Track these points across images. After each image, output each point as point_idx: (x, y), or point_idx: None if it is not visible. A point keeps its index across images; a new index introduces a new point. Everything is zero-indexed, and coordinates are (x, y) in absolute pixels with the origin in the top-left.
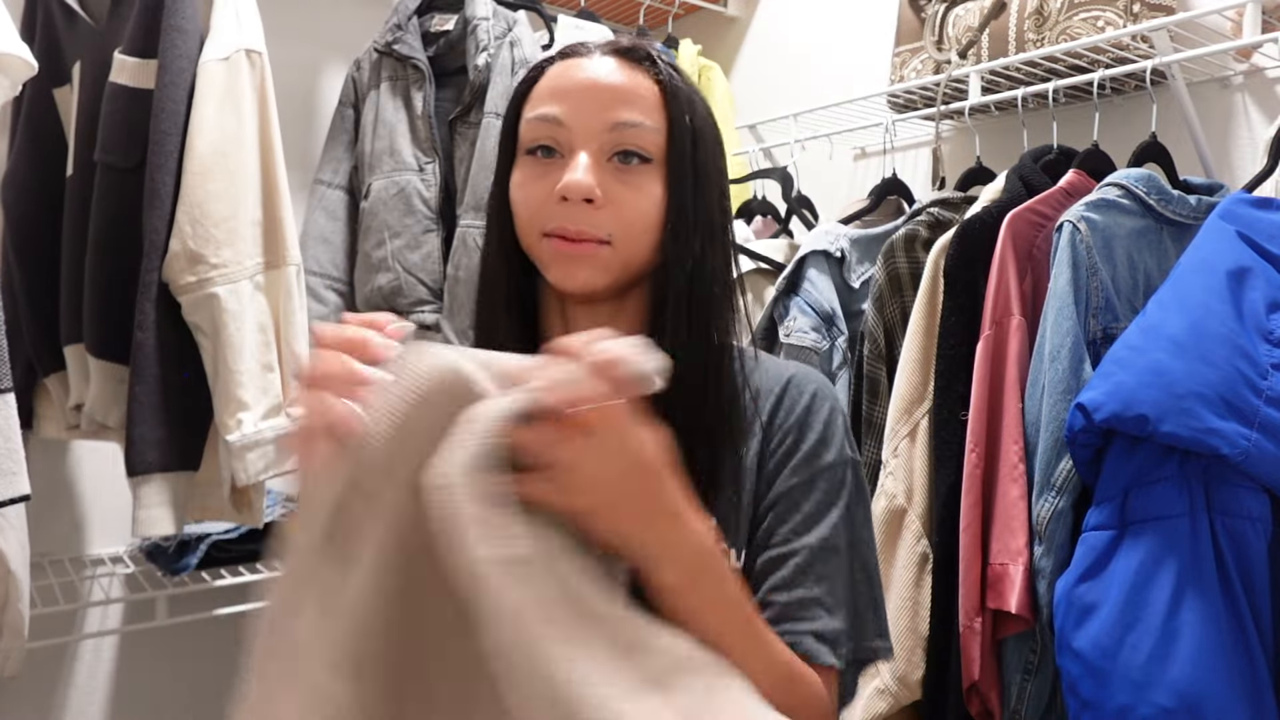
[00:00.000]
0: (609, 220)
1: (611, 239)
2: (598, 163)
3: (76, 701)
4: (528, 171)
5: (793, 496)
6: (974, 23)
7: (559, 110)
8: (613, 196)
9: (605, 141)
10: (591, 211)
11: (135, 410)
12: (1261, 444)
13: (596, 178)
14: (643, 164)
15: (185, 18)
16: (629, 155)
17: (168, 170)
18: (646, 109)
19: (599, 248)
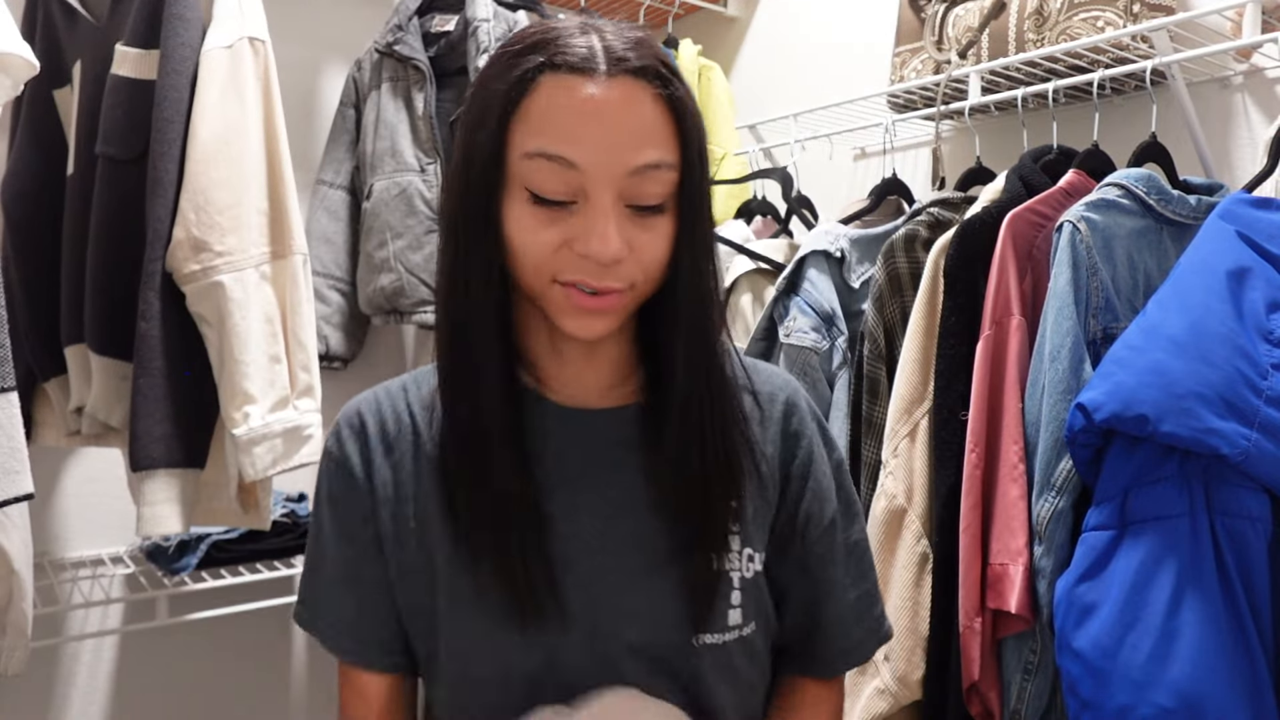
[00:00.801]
0: (632, 270)
1: (634, 285)
2: (617, 210)
3: (76, 701)
4: (534, 216)
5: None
6: (974, 23)
7: (572, 153)
8: (635, 245)
9: (624, 187)
10: (616, 265)
11: (139, 404)
12: (1261, 444)
13: (625, 232)
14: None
15: (187, 6)
16: (650, 205)
17: (171, 158)
18: (662, 142)
19: (621, 296)
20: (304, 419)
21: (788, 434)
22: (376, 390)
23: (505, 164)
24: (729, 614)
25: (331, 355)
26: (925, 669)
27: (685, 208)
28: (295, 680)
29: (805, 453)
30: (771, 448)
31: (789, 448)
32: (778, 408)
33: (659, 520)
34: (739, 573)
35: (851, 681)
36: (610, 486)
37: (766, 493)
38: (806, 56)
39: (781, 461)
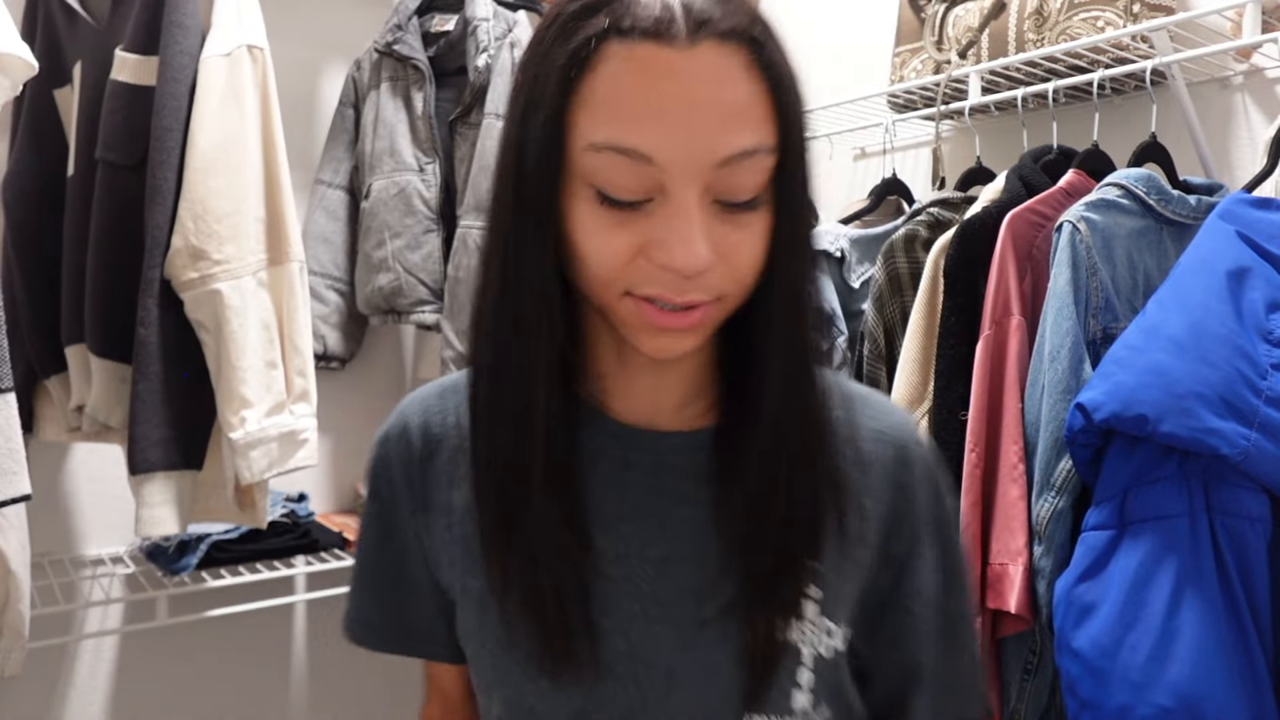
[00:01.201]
0: (720, 280)
1: (723, 296)
2: (704, 209)
3: (76, 701)
4: (602, 219)
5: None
6: (974, 23)
7: (648, 144)
8: (725, 251)
9: (712, 180)
10: (702, 276)
11: (138, 408)
12: (1261, 444)
13: (713, 237)
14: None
15: (186, 14)
16: (743, 200)
17: (170, 166)
18: (758, 122)
19: (710, 309)
20: (299, 423)
21: (895, 486)
22: (429, 388)
23: (565, 156)
24: (793, 695)
25: (329, 355)
26: None
27: (785, 199)
28: (295, 680)
29: (915, 512)
30: (871, 500)
31: (895, 503)
32: (887, 452)
33: (722, 570)
34: (811, 648)
35: None
36: (670, 523)
37: (858, 554)
38: (806, 56)
39: (883, 519)
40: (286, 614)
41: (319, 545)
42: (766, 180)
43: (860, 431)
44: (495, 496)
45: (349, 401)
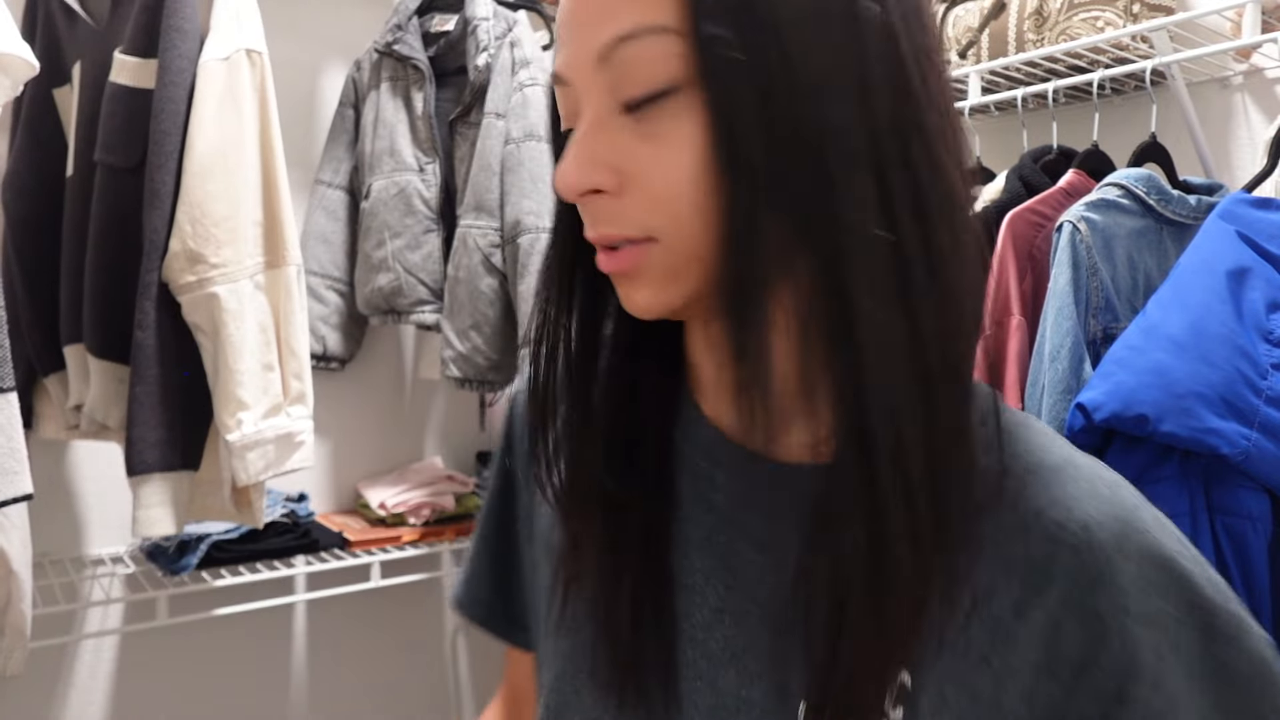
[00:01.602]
0: (636, 208)
1: (652, 232)
2: (602, 123)
3: (76, 701)
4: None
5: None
6: (974, 23)
7: (558, 63)
8: (631, 170)
9: (601, 85)
10: (606, 203)
11: (135, 410)
12: (1261, 444)
13: (600, 149)
14: (664, 99)
15: (185, 17)
16: (644, 97)
17: (168, 170)
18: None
19: (643, 250)
20: (296, 425)
21: (1081, 611)
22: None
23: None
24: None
25: (329, 356)
26: None
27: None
28: (295, 680)
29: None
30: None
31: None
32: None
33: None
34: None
35: None
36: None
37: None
38: None
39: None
40: (286, 614)
41: (319, 545)
42: (671, 71)
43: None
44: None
45: (349, 402)
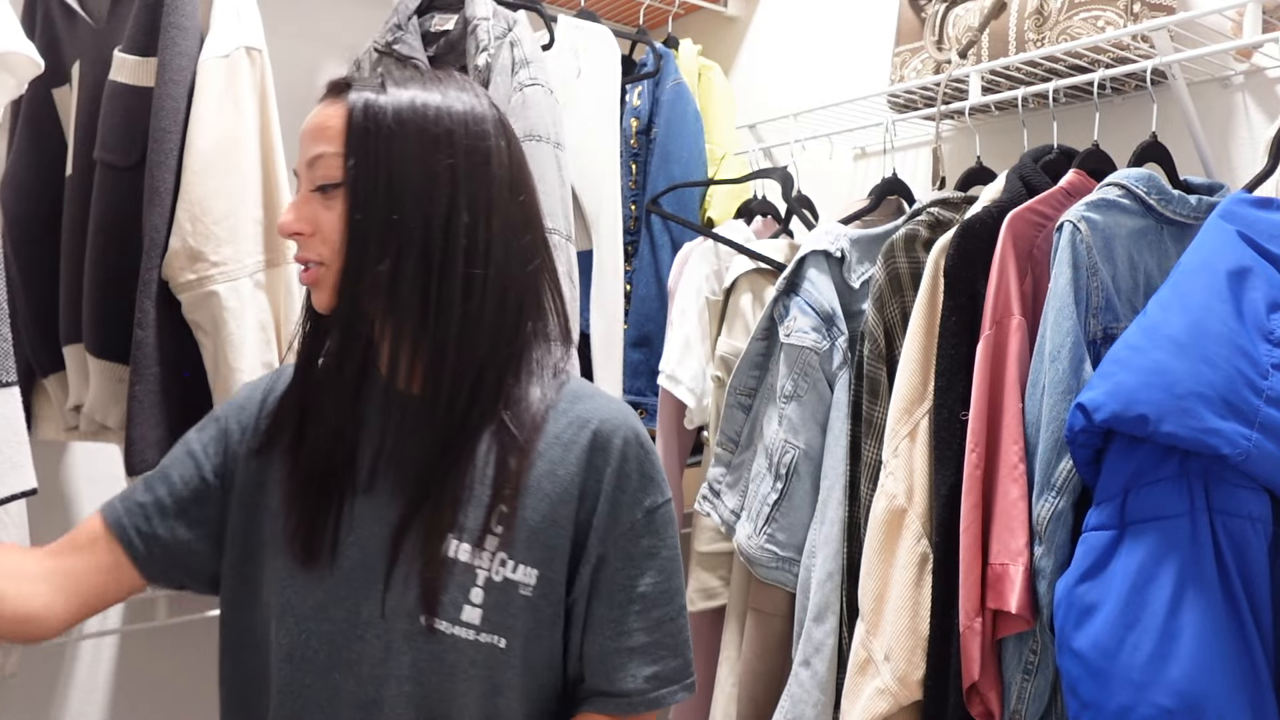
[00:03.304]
0: (318, 245)
1: (323, 259)
2: (307, 198)
3: (76, 701)
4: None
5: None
6: (974, 23)
7: (297, 162)
8: (318, 224)
9: (308, 178)
10: (306, 241)
11: (135, 409)
12: (1262, 444)
13: (304, 210)
14: (335, 189)
15: (185, 15)
16: (323, 186)
17: (168, 168)
18: (331, 138)
19: (319, 270)
20: None
21: (589, 465)
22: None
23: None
24: (464, 609)
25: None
26: (925, 669)
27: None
28: None
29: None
30: (566, 470)
31: (588, 478)
32: (585, 434)
33: (415, 503)
34: (486, 572)
35: (852, 682)
36: (398, 463)
37: (556, 513)
38: (806, 56)
39: (580, 490)
40: None
41: None
42: (338, 173)
43: (567, 418)
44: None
45: None
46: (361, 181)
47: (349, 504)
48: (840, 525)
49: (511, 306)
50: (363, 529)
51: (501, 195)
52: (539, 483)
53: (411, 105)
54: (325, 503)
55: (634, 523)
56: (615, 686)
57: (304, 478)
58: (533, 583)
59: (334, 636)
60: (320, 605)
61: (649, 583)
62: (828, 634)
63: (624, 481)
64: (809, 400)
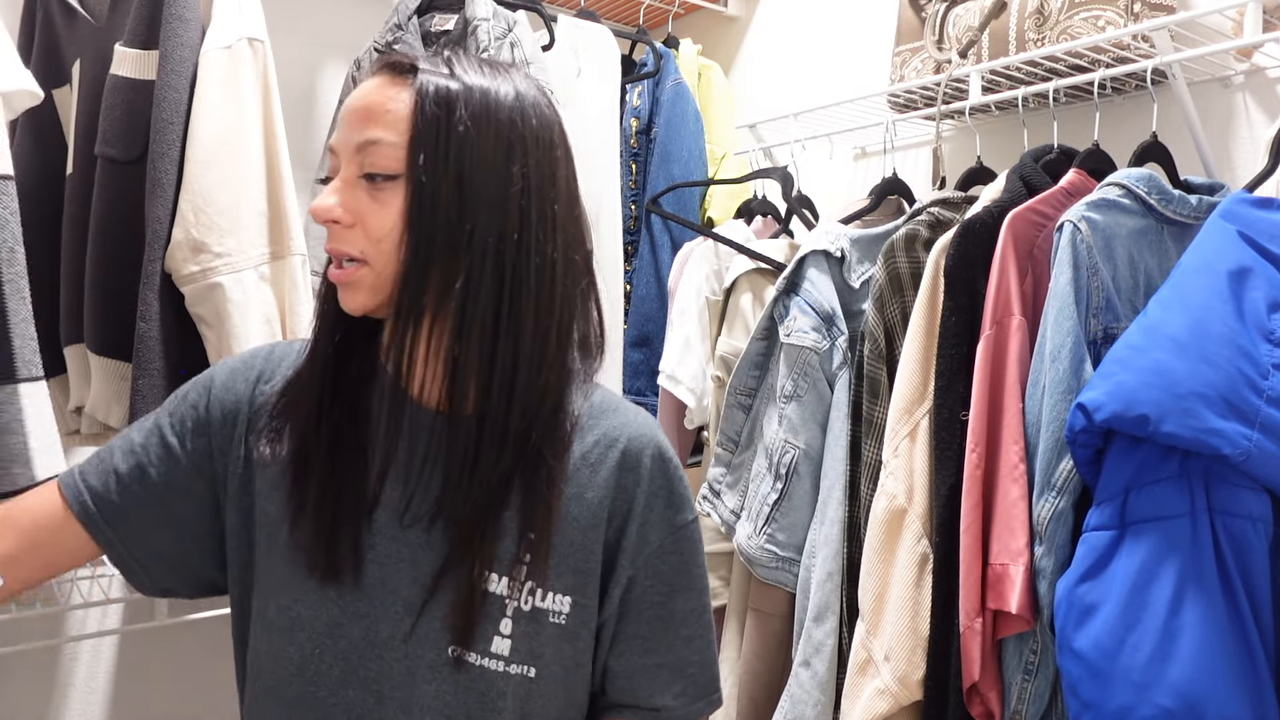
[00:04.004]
0: (359, 239)
1: (365, 256)
2: (352, 183)
3: (76, 702)
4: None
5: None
6: (974, 22)
7: (335, 138)
8: (361, 215)
9: (355, 162)
10: (342, 232)
11: (138, 404)
12: (1263, 444)
13: (346, 197)
14: (387, 180)
15: (186, 6)
16: (373, 175)
17: (170, 159)
18: (392, 124)
19: (359, 269)
20: None
21: (618, 485)
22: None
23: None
24: (494, 640)
25: None
26: (926, 669)
27: (414, 187)
28: None
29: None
30: (594, 493)
31: (617, 499)
32: (613, 454)
33: (446, 527)
34: (515, 603)
35: (852, 682)
36: (418, 482)
37: (586, 538)
38: (806, 56)
39: (609, 511)
40: None
41: None
42: (395, 164)
43: (594, 436)
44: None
45: None
46: (431, 180)
47: (366, 519)
48: (840, 525)
49: (567, 328)
50: (383, 547)
51: (564, 210)
52: (567, 507)
53: (485, 101)
54: (344, 518)
55: (663, 542)
56: (645, 703)
57: (320, 492)
58: (566, 610)
59: (349, 653)
60: (335, 622)
61: (682, 602)
62: (828, 634)
63: (653, 501)
64: (809, 400)
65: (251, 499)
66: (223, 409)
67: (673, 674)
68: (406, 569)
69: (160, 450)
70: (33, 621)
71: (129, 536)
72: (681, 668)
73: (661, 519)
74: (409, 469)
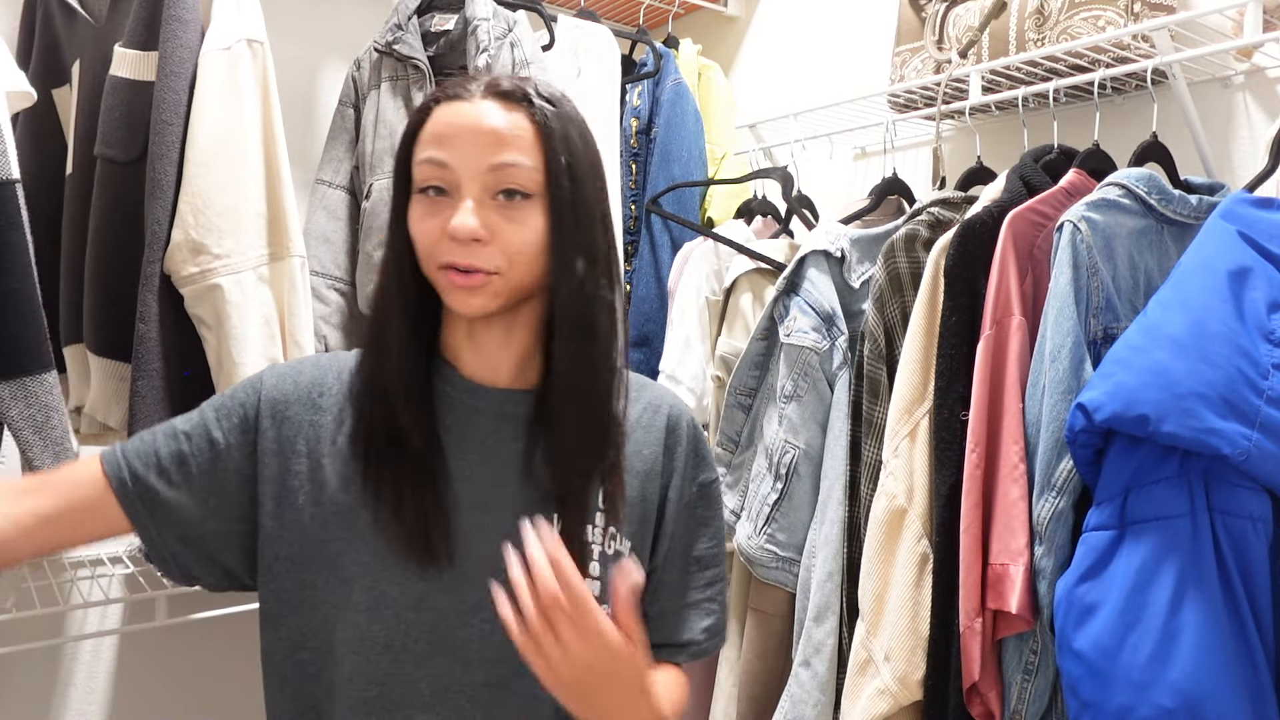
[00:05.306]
0: (496, 254)
1: (499, 270)
2: (482, 201)
3: (76, 701)
4: (422, 208)
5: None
6: (974, 22)
7: (445, 155)
8: (498, 232)
9: (488, 181)
10: (479, 248)
11: (137, 405)
12: (1263, 444)
13: (482, 216)
14: (524, 199)
15: (186, 8)
16: (511, 193)
17: (169, 161)
18: (524, 148)
19: (489, 278)
20: None
21: (665, 445)
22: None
23: (410, 178)
24: (587, 584)
25: None
26: (926, 669)
27: (555, 207)
28: None
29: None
30: (649, 450)
31: (664, 457)
32: (659, 418)
33: (535, 491)
34: (600, 547)
35: (852, 682)
36: (498, 455)
37: (645, 488)
38: (806, 56)
39: (661, 468)
40: None
41: None
42: (532, 185)
43: (642, 405)
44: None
45: None
46: (569, 199)
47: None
48: (840, 525)
49: (624, 308)
50: (466, 519)
51: (611, 209)
52: (630, 462)
53: (583, 130)
54: (430, 503)
55: (692, 496)
56: (677, 639)
57: (401, 480)
58: (627, 553)
59: (436, 624)
60: (423, 595)
61: (704, 546)
62: (828, 634)
63: (689, 459)
64: (809, 400)
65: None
66: (272, 409)
67: (699, 612)
68: (491, 536)
69: (204, 443)
70: (33, 621)
71: (161, 520)
72: (706, 605)
73: (692, 476)
74: (483, 445)
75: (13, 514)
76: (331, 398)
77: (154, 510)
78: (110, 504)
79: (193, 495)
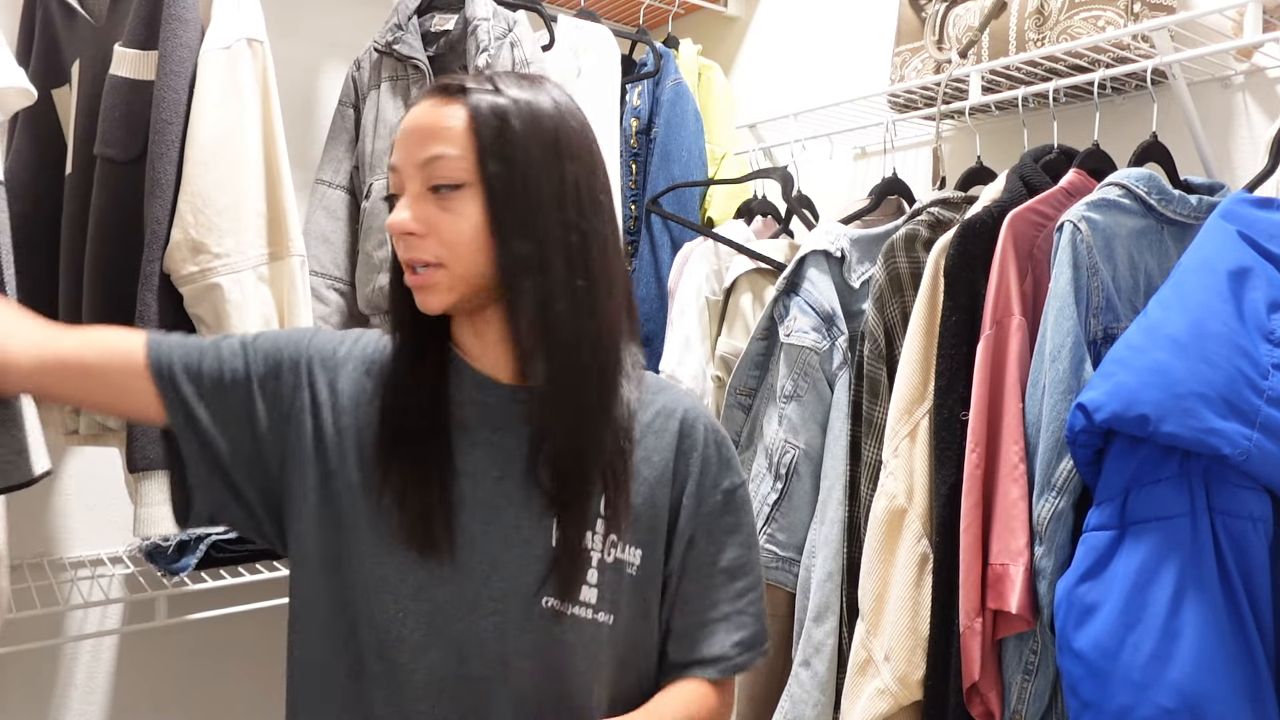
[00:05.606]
0: (433, 245)
1: (441, 260)
2: (420, 196)
3: (76, 701)
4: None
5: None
6: (974, 22)
7: (395, 159)
8: (434, 224)
9: (422, 176)
10: (417, 241)
11: None
12: (1263, 444)
13: (416, 210)
14: (455, 190)
15: (186, 7)
16: (439, 186)
17: (169, 160)
18: (452, 139)
19: (435, 272)
20: None
21: (679, 451)
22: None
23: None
24: (584, 590)
25: None
26: (926, 669)
27: (490, 192)
28: None
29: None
30: (660, 456)
31: (678, 463)
32: (673, 423)
33: (537, 492)
34: (598, 554)
35: (852, 682)
36: (503, 452)
37: (655, 495)
38: (806, 56)
39: (673, 473)
40: (285, 614)
41: None
42: (462, 174)
43: (655, 409)
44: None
45: None
46: (501, 184)
47: (454, 489)
48: (840, 525)
49: (622, 305)
50: (468, 514)
51: (608, 199)
52: (638, 468)
53: (531, 111)
54: (434, 496)
55: (716, 503)
56: (704, 654)
57: (406, 474)
58: (637, 562)
59: (433, 616)
60: (421, 585)
61: (731, 557)
62: (828, 634)
63: (707, 465)
64: (809, 400)
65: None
66: (309, 365)
67: (730, 626)
68: (495, 531)
69: (243, 374)
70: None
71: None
72: (735, 619)
73: (714, 482)
74: (489, 441)
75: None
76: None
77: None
78: (146, 382)
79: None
